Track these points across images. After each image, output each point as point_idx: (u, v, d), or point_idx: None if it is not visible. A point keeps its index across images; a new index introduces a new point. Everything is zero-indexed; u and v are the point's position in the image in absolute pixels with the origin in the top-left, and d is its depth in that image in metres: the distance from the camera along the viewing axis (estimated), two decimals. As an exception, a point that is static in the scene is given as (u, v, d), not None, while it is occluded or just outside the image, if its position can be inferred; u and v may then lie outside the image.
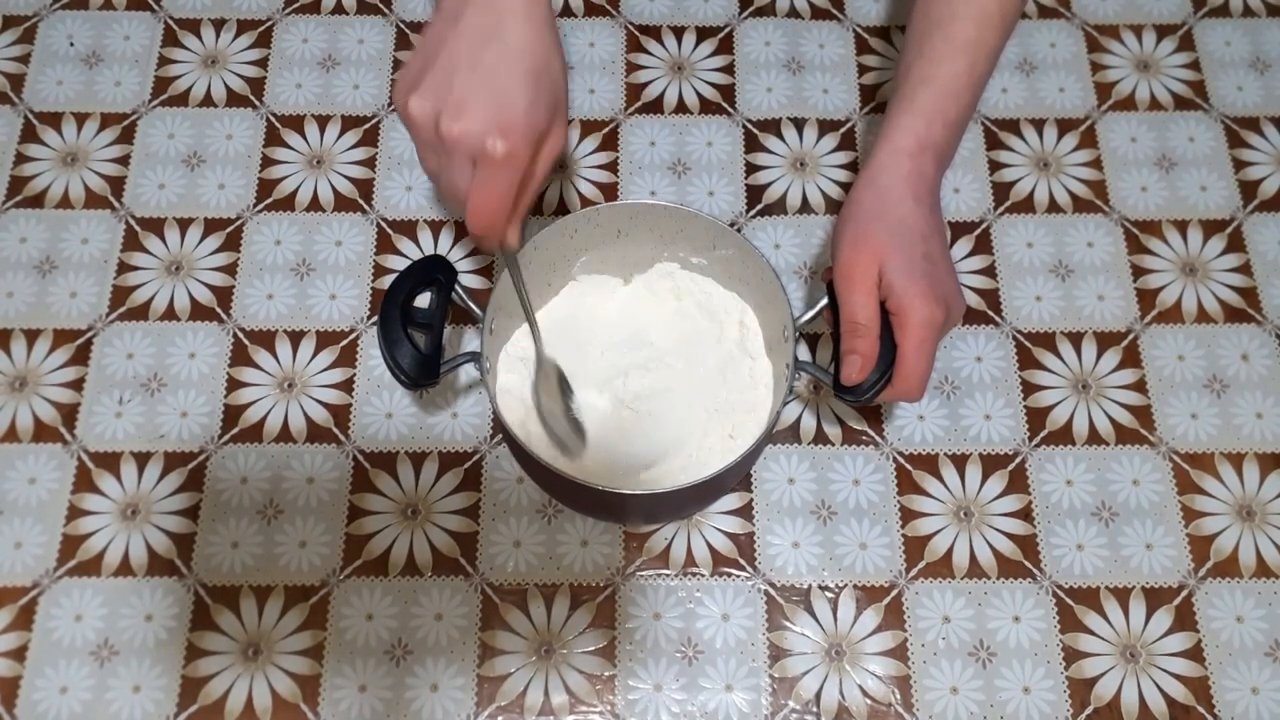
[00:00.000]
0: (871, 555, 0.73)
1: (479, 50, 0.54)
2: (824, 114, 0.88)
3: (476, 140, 0.53)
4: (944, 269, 0.65)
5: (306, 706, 0.69)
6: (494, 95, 0.53)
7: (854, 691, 0.70)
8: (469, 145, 0.54)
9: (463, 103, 0.53)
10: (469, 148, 0.54)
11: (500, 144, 0.53)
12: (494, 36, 0.54)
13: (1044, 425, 0.77)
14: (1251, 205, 0.85)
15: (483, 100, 0.53)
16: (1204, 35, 0.91)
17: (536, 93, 0.54)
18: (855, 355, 0.63)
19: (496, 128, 0.53)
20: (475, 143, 0.54)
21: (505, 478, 0.75)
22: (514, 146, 0.54)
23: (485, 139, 0.53)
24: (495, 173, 0.55)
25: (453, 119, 0.53)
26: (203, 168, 0.84)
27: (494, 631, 0.71)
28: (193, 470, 0.75)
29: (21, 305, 0.79)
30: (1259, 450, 0.77)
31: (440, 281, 0.67)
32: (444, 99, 0.54)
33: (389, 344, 0.64)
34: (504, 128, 0.53)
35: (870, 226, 0.64)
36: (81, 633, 0.70)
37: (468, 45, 0.54)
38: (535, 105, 0.54)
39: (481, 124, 0.53)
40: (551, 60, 0.56)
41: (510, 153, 0.54)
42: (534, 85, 0.54)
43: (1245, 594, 0.72)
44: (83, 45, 0.89)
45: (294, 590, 0.72)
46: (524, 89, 0.54)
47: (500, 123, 0.53)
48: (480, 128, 0.53)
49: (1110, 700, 0.70)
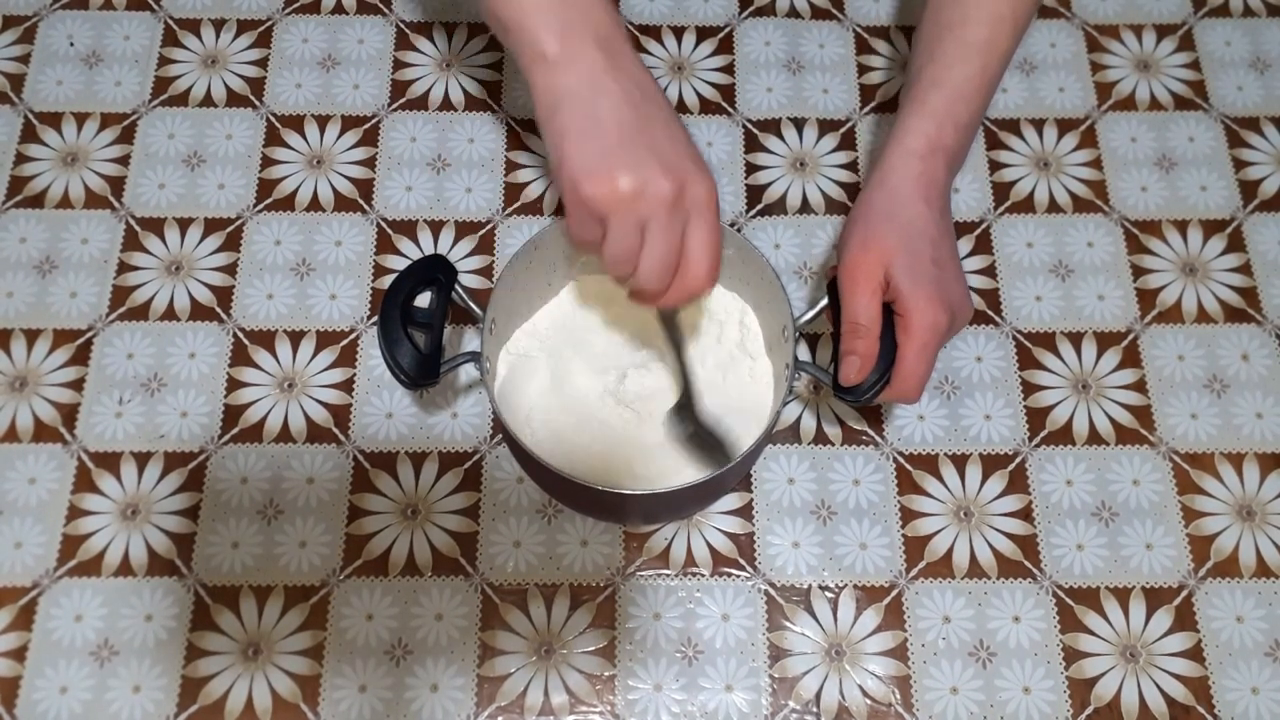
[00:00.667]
0: (871, 555, 0.73)
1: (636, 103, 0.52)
2: (824, 114, 0.88)
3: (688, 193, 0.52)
4: (952, 273, 0.65)
5: (306, 706, 0.69)
6: (682, 146, 0.52)
7: (854, 691, 0.70)
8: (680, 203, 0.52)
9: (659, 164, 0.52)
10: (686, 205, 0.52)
11: (708, 185, 0.53)
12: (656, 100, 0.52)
13: (1044, 425, 0.77)
14: (1251, 205, 0.85)
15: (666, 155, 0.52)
16: (1204, 35, 0.91)
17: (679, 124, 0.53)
18: (854, 356, 0.63)
19: (697, 173, 0.52)
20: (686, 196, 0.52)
21: (505, 478, 0.75)
22: (712, 184, 0.53)
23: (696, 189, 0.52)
24: (712, 217, 0.54)
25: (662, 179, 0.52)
26: (203, 168, 0.84)
27: (494, 631, 0.71)
28: (193, 470, 0.75)
29: (21, 305, 0.79)
30: (1259, 450, 0.77)
31: (440, 281, 0.67)
32: (646, 167, 0.52)
33: (389, 343, 0.64)
34: (699, 169, 0.53)
35: (880, 228, 0.64)
36: (81, 633, 0.70)
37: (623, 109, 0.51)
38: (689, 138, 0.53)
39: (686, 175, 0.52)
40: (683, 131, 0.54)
41: (715, 192, 0.53)
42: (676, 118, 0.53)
43: (1245, 594, 0.72)
44: (83, 45, 0.89)
45: (294, 590, 0.72)
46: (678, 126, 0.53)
47: (695, 166, 0.52)
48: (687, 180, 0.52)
49: (1110, 700, 0.70)
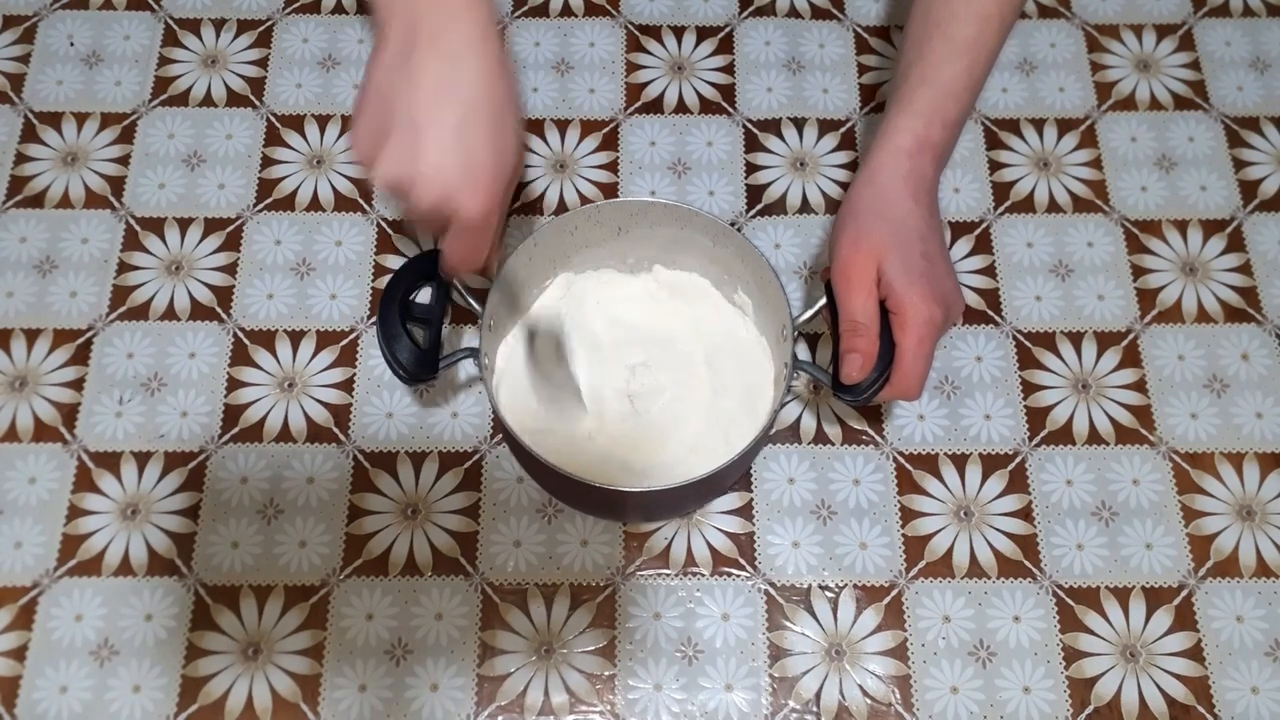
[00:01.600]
0: (871, 555, 0.73)
1: (440, 106, 0.52)
2: (824, 114, 0.88)
3: (449, 205, 0.53)
4: (942, 268, 0.65)
5: (306, 706, 0.69)
6: (460, 155, 0.52)
7: (854, 691, 0.70)
8: (441, 209, 0.53)
9: (432, 171, 0.52)
10: (443, 214, 0.53)
11: (474, 208, 0.53)
12: (453, 87, 0.52)
13: (1044, 425, 0.77)
14: (1251, 205, 0.85)
15: (450, 163, 0.52)
16: (1204, 35, 0.91)
17: (500, 142, 0.53)
18: (855, 354, 0.63)
19: (468, 192, 0.52)
20: (448, 207, 0.53)
21: (505, 478, 0.75)
22: (486, 207, 0.53)
23: (459, 206, 0.53)
24: (471, 233, 0.55)
25: (424, 188, 0.52)
26: (203, 168, 0.85)
27: (494, 631, 0.71)
28: (193, 470, 0.75)
29: (21, 305, 0.79)
30: (1259, 450, 0.76)
31: (440, 277, 0.67)
32: (411, 166, 0.52)
33: (387, 338, 0.64)
34: (474, 189, 0.52)
35: (869, 226, 0.64)
36: (81, 633, 0.70)
37: (428, 99, 0.52)
38: (501, 156, 0.53)
39: (451, 189, 0.52)
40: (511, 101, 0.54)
41: (484, 214, 0.53)
42: (497, 135, 0.53)
43: (1245, 594, 0.72)
44: (83, 45, 0.89)
45: (294, 590, 0.72)
46: (488, 143, 0.53)
47: (471, 185, 0.52)
48: (451, 193, 0.52)
49: (1110, 700, 0.70)
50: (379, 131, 0.53)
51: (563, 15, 0.91)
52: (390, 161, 0.53)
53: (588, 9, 0.92)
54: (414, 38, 0.52)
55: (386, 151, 0.53)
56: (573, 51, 0.90)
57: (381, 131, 0.53)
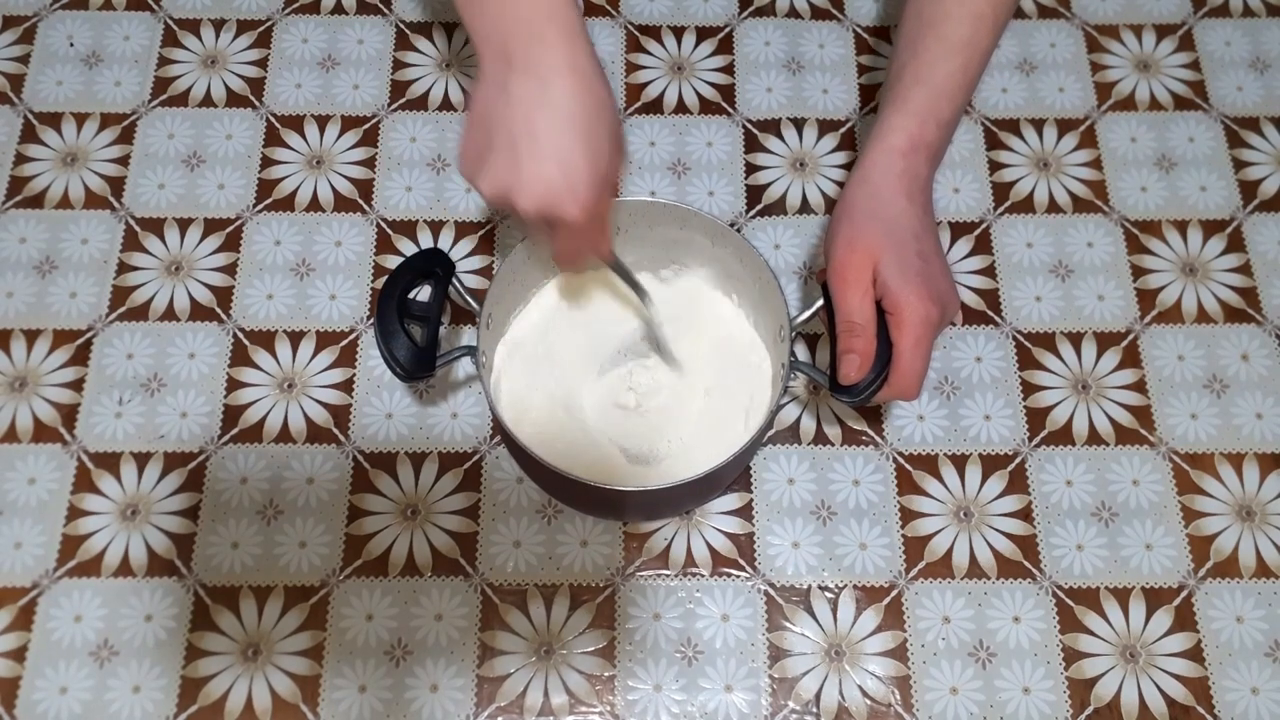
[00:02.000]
0: (871, 555, 0.73)
1: (533, 119, 0.55)
2: (824, 114, 0.88)
3: (552, 211, 0.56)
4: (938, 267, 0.65)
5: (306, 707, 0.69)
6: (557, 164, 0.55)
7: (854, 692, 0.70)
8: (544, 215, 0.56)
9: (529, 179, 0.56)
10: (545, 217, 0.56)
11: (573, 210, 0.56)
12: (544, 102, 0.55)
13: (1044, 425, 0.77)
14: (1251, 205, 0.85)
15: (547, 171, 0.55)
16: (1204, 35, 0.91)
17: (594, 146, 0.56)
18: (853, 354, 0.63)
19: (566, 195, 0.56)
20: (552, 214, 0.56)
21: (505, 478, 0.75)
22: (585, 208, 0.56)
23: (560, 209, 0.56)
24: (575, 233, 0.58)
25: (525, 196, 0.56)
26: (203, 168, 0.85)
27: (494, 632, 0.71)
28: (193, 470, 0.75)
29: (21, 305, 0.79)
30: (1259, 450, 0.76)
31: (438, 275, 0.67)
32: (511, 177, 0.56)
33: (385, 336, 0.64)
34: (572, 193, 0.56)
35: (864, 226, 0.64)
36: (81, 633, 0.70)
37: (522, 116, 0.55)
38: (596, 159, 0.56)
39: (551, 196, 0.56)
40: (603, 108, 0.57)
41: (583, 216, 0.56)
42: (590, 140, 0.56)
43: (1245, 594, 0.72)
44: (83, 45, 0.89)
45: (294, 590, 0.72)
46: (582, 148, 0.56)
47: (569, 189, 0.56)
48: (550, 200, 0.56)
49: (1110, 700, 0.70)
50: (481, 150, 0.57)
51: (562, 15, 0.91)
52: (492, 176, 0.57)
53: (587, 9, 0.92)
54: (507, 65, 0.56)
55: (488, 167, 0.57)
56: (572, 52, 0.90)
57: (484, 150, 0.57)
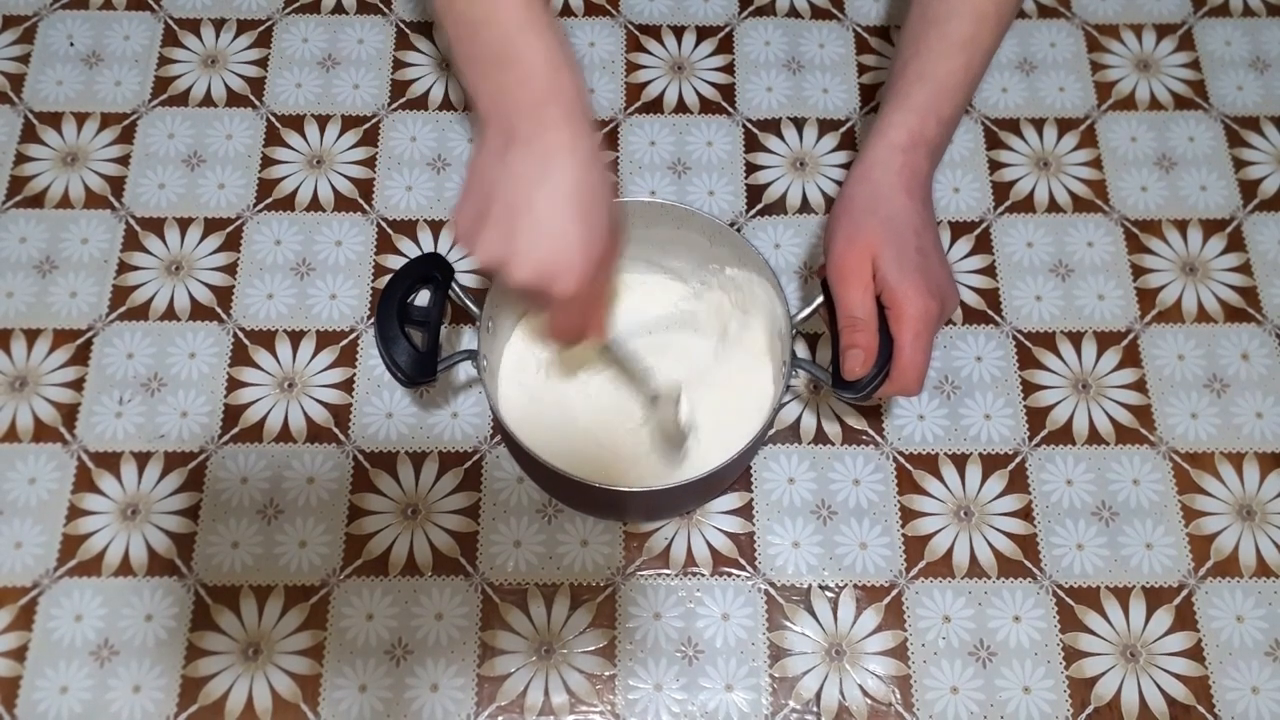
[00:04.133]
0: (871, 555, 0.73)
1: (531, 195, 0.56)
2: (824, 114, 0.88)
3: (544, 283, 0.56)
4: (937, 262, 0.65)
5: (306, 706, 0.69)
6: (552, 240, 0.56)
7: (854, 691, 0.70)
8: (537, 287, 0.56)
9: (525, 251, 0.56)
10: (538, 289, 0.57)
11: (568, 284, 0.56)
12: (544, 179, 0.56)
13: (1044, 425, 0.77)
14: (1251, 205, 0.85)
15: (542, 247, 0.56)
16: (1204, 35, 0.91)
17: (592, 225, 0.57)
18: (856, 349, 0.63)
19: (558, 271, 0.56)
20: (543, 285, 0.56)
21: (505, 478, 0.75)
22: (577, 284, 0.56)
23: (551, 281, 0.56)
24: (569, 308, 0.59)
25: (518, 267, 0.56)
26: (203, 168, 0.85)
27: (494, 631, 0.71)
28: (193, 470, 0.75)
29: (21, 305, 0.79)
30: (1259, 450, 0.76)
31: (438, 279, 0.67)
32: (506, 247, 0.56)
33: (386, 341, 0.64)
34: (568, 267, 0.56)
35: (863, 222, 0.64)
36: (81, 633, 0.70)
37: (521, 190, 0.56)
38: (592, 237, 0.57)
39: (544, 270, 0.56)
40: (601, 190, 0.58)
41: (574, 291, 0.57)
42: (587, 219, 0.56)
43: (1245, 594, 0.72)
44: (83, 45, 0.89)
45: (294, 590, 0.72)
46: (579, 225, 0.56)
47: (565, 263, 0.56)
48: (543, 274, 0.56)
49: (1110, 700, 0.70)
50: (479, 217, 0.57)
51: (563, 15, 0.91)
52: (487, 245, 0.57)
53: (588, 9, 0.92)
54: (510, 139, 0.57)
55: (484, 235, 0.57)
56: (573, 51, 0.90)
57: (481, 217, 0.57)
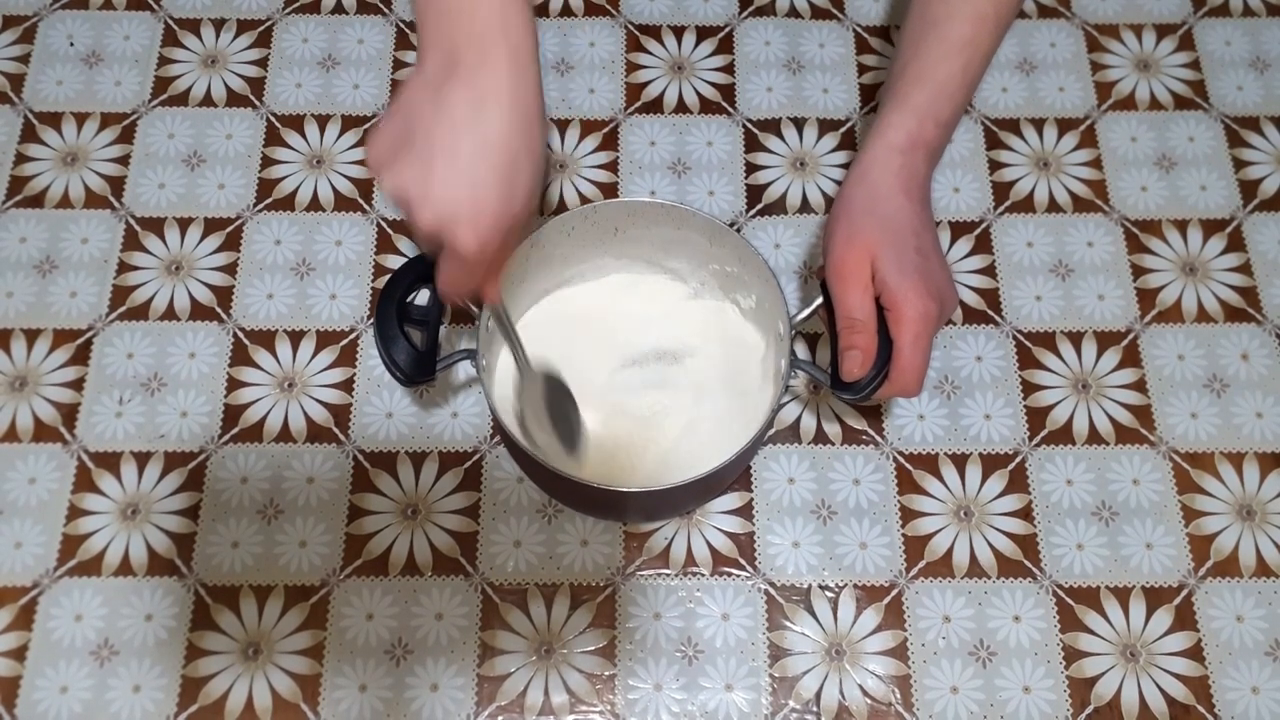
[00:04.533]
0: (871, 555, 0.73)
1: (459, 137, 0.53)
2: (824, 114, 0.88)
3: (447, 233, 0.54)
4: (936, 263, 0.65)
5: (306, 706, 0.69)
6: (469, 188, 0.53)
7: (854, 691, 0.70)
8: (439, 234, 0.54)
9: (436, 195, 0.53)
10: (439, 236, 0.54)
11: (469, 240, 0.53)
12: (474, 123, 0.53)
13: (1044, 425, 0.77)
14: (1251, 205, 0.85)
15: (455, 193, 0.53)
16: (1204, 35, 0.91)
17: (512, 183, 0.54)
18: (855, 351, 0.63)
19: (468, 222, 0.53)
20: (445, 233, 0.54)
21: (505, 478, 0.75)
22: (483, 241, 0.54)
23: (456, 234, 0.53)
24: (464, 264, 0.55)
25: (426, 208, 0.53)
26: (203, 168, 0.85)
27: (494, 631, 0.71)
28: (193, 470, 0.75)
29: (21, 305, 0.79)
30: (1259, 450, 0.76)
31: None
32: (419, 185, 0.53)
33: (385, 340, 0.64)
34: (475, 222, 0.53)
35: (862, 223, 0.64)
36: (81, 633, 0.70)
37: (448, 129, 0.53)
38: (509, 197, 0.54)
39: (451, 217, 0.53)
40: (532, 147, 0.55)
41: (479, 248, 0.54)
42: (510, 176, 0.54)
43: (1245, 593, 0.72)
44: (83, 45, 0.89)
45: (294, 590, 0.72)
46: (499, 182, 0.53)
47: (472, 217, 0.53)
48: (450, 221, 0.53)
49: (1110, 700, 0.70)
50: (397, 144, 0.54)
51: (563, 15, 0.91)
52: (399, 176, 0.54)
53: (588, 9, 0.92)
54: (450, 68, 0.53)
55: (398, 165, 0.54)
56: (573, 51, 0.90)
57: (399, 145, 0.54)
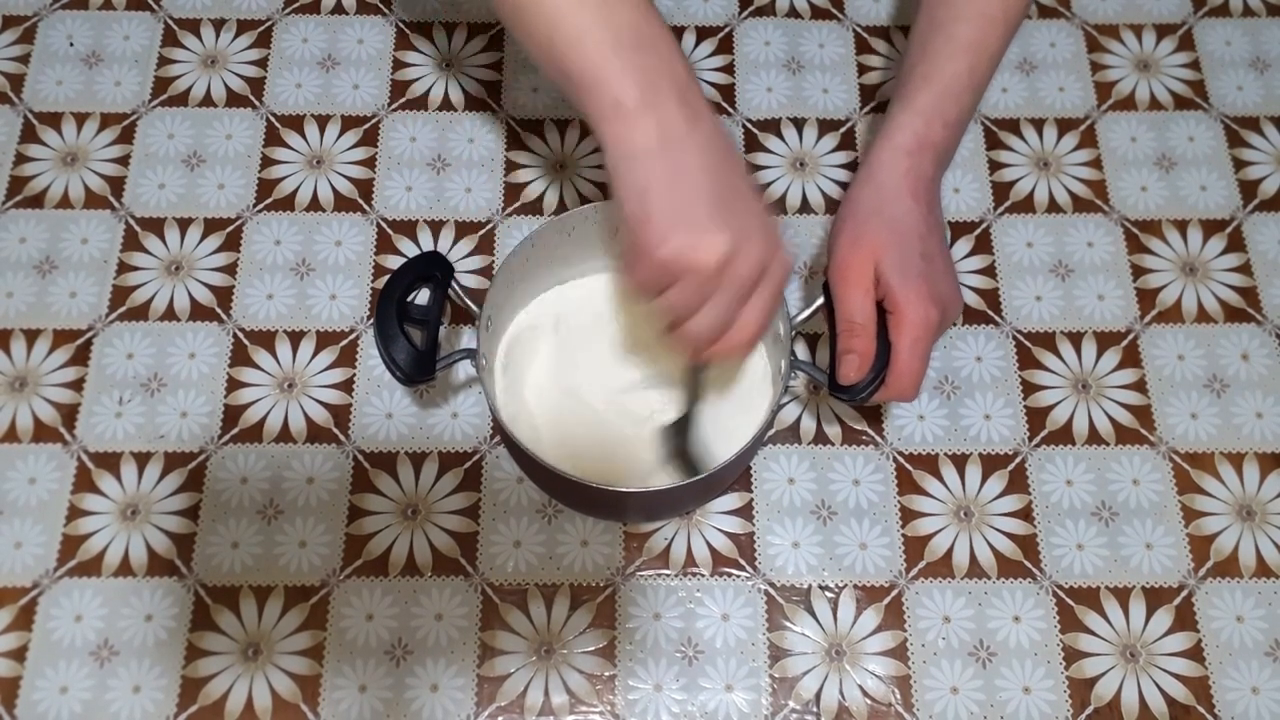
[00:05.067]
0: (871, 555, 0.73)
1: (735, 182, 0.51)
2: (824, 114, 0.88)
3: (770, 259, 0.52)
4: (941, 268, 0.65)
5: (306, 706, 0.69)
6: (756, 212, 0.52)
7: (854, 691, 0.70)
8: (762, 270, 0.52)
9: (750, 229, 0.51)
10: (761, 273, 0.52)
11: (784, 266, 0.53)
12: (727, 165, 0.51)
13: (1044, 425, 0.77)
14: (1251, 205, 0.85)
15: (755, 219, 0.51)
16: (1204, 35, 0.91)
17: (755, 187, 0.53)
18: (852, 354, 0.63)
19: (779, 243, 0.52)
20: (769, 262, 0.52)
21: (505, 478, 0.75)
22: (790, 261, 0.53)
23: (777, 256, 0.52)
24: (779, 291, 0.54)
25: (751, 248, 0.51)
26: (203, 168, 0.85)
27: (494, 631, 0.71)
28: (193, 470, 0.75)
29: (21, 305, 0.79)
30: (1259, 450, 0.76)
31: (437, 278, 0.67)
32: (738, 232, 0.51)
33: (385, 340, 0.64)
34: (779, 246, 0.52)
35: (868, 224, 0.64)
36: (81, 633, 0.70)
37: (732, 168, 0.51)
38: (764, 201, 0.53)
39: (772, 244, 0.52)
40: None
41: (790, 267, 0.53)
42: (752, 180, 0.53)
43: (1245, 594, 0.72)
44: (83, 45, 0.89)
45: (294, 590, 0.72)
46: (754, 189, 0.52)
47: (775, 237, 0.52)
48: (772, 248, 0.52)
49: (1110, 700, 0.70)
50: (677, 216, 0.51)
51: (563, 15, 0.91)
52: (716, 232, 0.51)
53: (588, 9, 0.92)
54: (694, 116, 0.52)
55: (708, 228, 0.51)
56: (573, 51, 0.90)
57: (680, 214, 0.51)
